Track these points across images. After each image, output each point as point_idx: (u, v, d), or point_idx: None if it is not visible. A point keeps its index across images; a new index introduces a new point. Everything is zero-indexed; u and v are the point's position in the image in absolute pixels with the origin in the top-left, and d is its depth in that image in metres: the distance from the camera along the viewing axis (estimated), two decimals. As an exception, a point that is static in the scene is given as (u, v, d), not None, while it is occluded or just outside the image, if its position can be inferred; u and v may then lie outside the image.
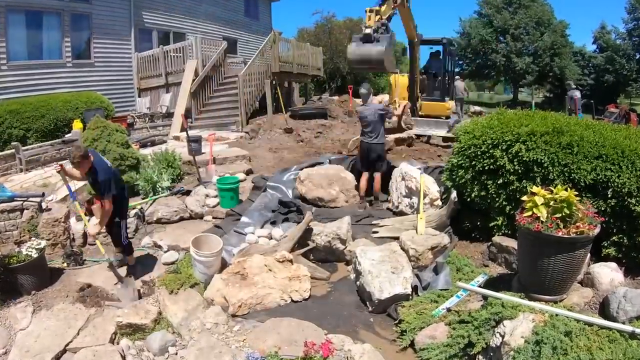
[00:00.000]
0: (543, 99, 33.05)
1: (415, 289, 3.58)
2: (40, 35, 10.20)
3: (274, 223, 4.93)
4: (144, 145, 8.26)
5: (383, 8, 6.15)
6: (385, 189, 5.67)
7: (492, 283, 3.46)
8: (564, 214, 2.71)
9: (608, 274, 3.13)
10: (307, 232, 4.40)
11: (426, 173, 5.26)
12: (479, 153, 3.95)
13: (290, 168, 6.44)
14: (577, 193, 2.78)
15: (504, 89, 43.37)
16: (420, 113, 9.53)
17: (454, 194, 4.34)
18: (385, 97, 10.57)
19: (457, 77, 12.13)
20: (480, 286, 3.24)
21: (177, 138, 9.35)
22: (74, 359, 2.91)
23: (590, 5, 70.37)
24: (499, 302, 2.78)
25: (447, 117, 9.62)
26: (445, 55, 9.96)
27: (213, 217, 5.33)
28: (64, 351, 3.03)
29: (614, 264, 3.25)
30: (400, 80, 9.39)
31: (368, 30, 5.75)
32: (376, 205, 5.56)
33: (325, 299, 3.72)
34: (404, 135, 8.00)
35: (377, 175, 5.59)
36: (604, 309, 2.82)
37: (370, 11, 6.02)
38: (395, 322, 3.28)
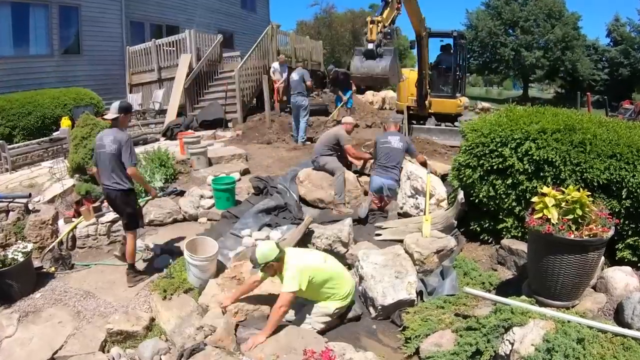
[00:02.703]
0: (554, 95, 33.02)
1: (420, 294, 3.57)
2: (27, 29, 10.22)
3: (271, 225, 4.93)
4: (135, 144, 8.24)
5: (385, 14, 5.96)
6: None
7: (501, 288, 3.46)
8: (576, 215, 2.71)
9: (622, 278, 3.12)
10: (307, 235, 4.40)
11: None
12: (487, 152, 3.95)
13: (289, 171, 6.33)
14: (589, 193, 2.78)
15: (513, 84, 43.40)
16: (430, 111, 9.42)
17: (460, 195, 4.33)
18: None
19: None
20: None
21: (170, 136, 9.36)
22: (63, 367, 2.91)
23: (603, -3, 70.34)
24: (508, 308, 2.78)
25: (459, 115, 9.37)
26: (456, 49, 9.79)
27: (208, 219, 5.33)
28: (52, 359, 3.03)
29: (628, 268, 3.25)
30: (409, 76, 9.33)
31: (371, 46, 5.70)
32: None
33: (326, 305, 3.71)
34: None
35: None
36: (618, 315, 2.81)
37: (372, 22, 5.79)
38: (400, 329, 3.28)
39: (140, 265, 4.31)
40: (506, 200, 3.86)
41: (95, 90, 10.77)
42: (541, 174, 3.64)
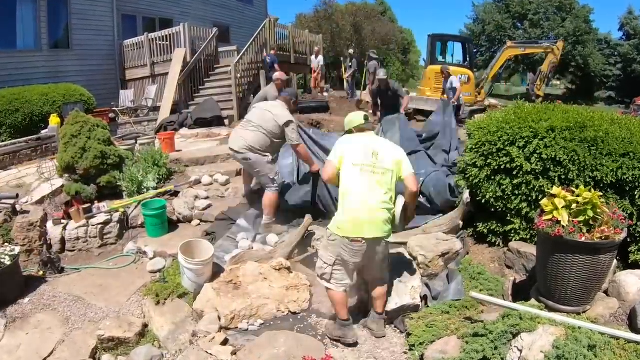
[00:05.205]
0: (564, 91, 33.01)
1: (424, 299, 3.57)
2: (14, 22, 10.22)
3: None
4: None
5: None
6: None
7: (509, 293, 3.46)
8: (587, 217, 2.71)
9: (635, 282, 3.12)
10: (307, 237, 4.40)
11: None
12: (494, 150, 3.95)
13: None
14: (600, 194, 2.78)
15: (522, 80, 43.34)
16: None
17: (466, 195, 4.34)
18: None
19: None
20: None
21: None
22: (51, 376, 2.92)
23: (616, -11, 70.15)
24: (517, 313, 2.78)
25: None
26: None
27: (203, 221, 5.32)
28: (41, 367, 3.04)
29: (642, 272, 3.25)
30: None
31: None
32: None
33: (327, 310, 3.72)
34: None
35: None
36: (631, 321, 2.81)
37: None
38: (403, 335, 3.29)
39: (134, 269, 4.32)
40: (514, 200, 3.87)
41: (86, 86, 10.75)
42: (550, 173, 3.64)
